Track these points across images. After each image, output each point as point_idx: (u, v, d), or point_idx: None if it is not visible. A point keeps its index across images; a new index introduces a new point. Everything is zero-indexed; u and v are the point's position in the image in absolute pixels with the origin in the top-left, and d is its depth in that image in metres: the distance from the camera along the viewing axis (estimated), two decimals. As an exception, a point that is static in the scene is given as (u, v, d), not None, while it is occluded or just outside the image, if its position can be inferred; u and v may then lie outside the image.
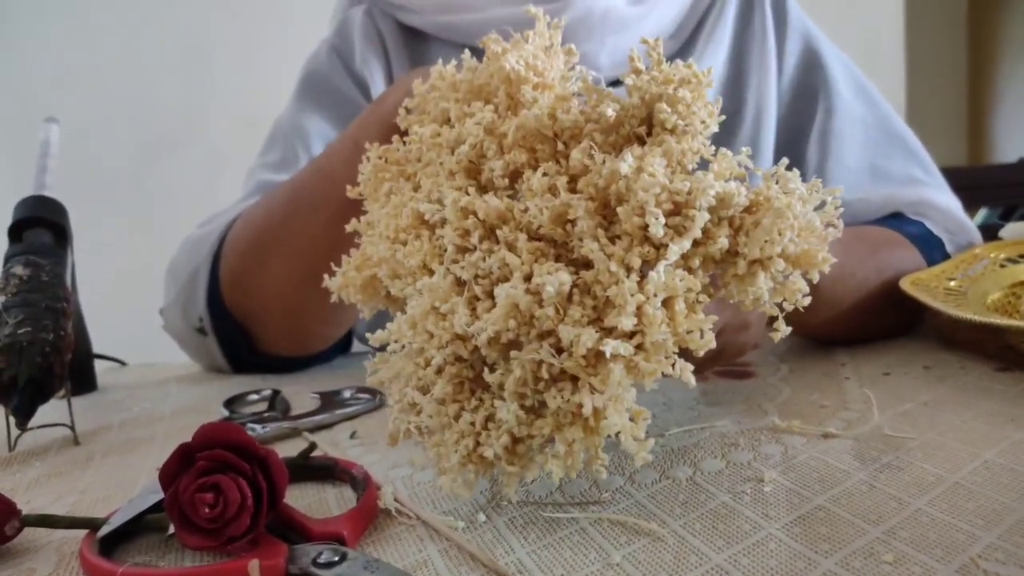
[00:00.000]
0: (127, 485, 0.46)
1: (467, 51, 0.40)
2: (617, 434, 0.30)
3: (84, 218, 1.70)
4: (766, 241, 0.31)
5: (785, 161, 0.33)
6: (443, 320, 0.33)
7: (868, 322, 0.62)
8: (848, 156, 0.77)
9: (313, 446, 0.44)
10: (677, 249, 0.30)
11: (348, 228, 0.42)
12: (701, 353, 0.31)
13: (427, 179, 0.37)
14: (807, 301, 0.34)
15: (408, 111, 0.42)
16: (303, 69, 0.86)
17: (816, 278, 0.34)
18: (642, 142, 0.34)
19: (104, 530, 0.36)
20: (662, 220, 0.29)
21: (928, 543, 0.30)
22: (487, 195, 0.33)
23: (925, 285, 0.60)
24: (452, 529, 0.35)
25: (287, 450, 0.49)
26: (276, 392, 0.62)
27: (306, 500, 0.41)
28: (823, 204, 0.34)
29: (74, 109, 1.85)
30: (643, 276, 0.30)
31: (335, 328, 0.74)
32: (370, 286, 0.41)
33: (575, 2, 0.74)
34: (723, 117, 0.34)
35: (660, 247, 0.30)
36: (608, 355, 0.29)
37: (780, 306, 0.35)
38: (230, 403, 0.59)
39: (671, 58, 0.82)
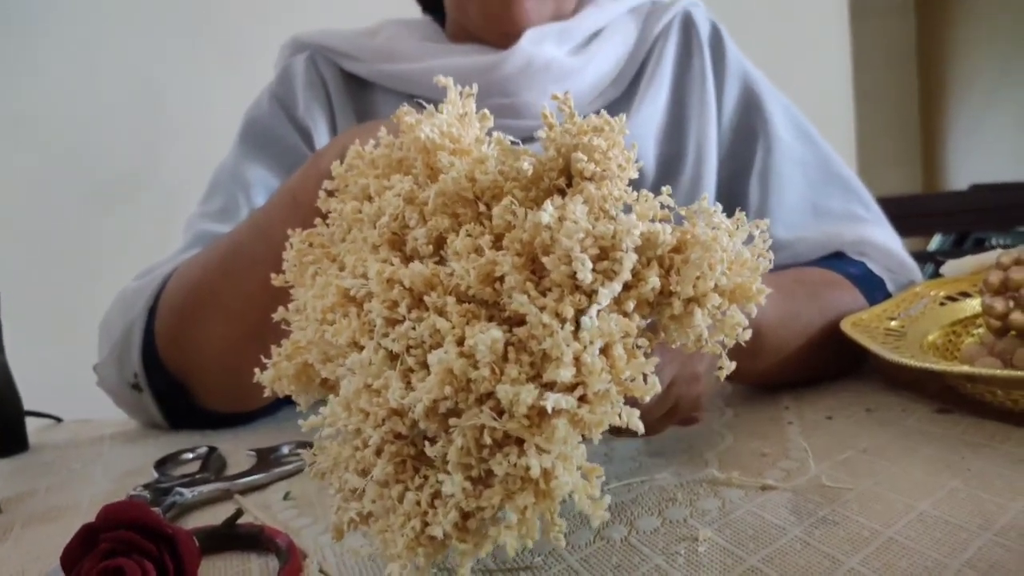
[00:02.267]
0: (45, 559, 0.43)
1: (405, 105, 0.39)
2: (571, 495, 0.29)
3: (32, 265, 1.66)
4: (698, 277, 0.31)
5: (706, 196, 0.33)
6: (377, 396, 0.31)
7: (813, 365, 0.62)
8: (789, 195, 0.77)
9: (239, 513, 0.42)
10: (607, 292, 0.29)
11: (276, 317, 0.41)
12: (648, 399, 0.30)
13: (351, 256, 0.36)
14: (748, 335, 0.33)
15: (329, 193, 0.41)
16: (244, 117, 0.85)
17: (754, 312, 0.33)
18: (563, 194, 0.34)
19: (6, 617, 0.34)
20: (589, 265, 0.29)
21: (858, 607, 0.30)
22: (412, 263, 0.33)
23: (866, 326, 0.60)
24: (376, 603, 0.34)
25: (217, 514, 0.47)
26: (212, 450, 0.60)
27: (229, 572, 0.39)
28: (751, 238, 0.33)
29: (23, 152, 1.82)
30: (577, 326, 0.29)
31: None
32: (303, 374, 0.39)
33: (515, 54, 0.74)
34: (640, 163, 0.34)
35: (591, 294, 0.30)
36: (550, 410, 0.28)
37: (722, 344, 0.34)
38: (161, 464, 0.57)
39: (611, 105, 0.83)
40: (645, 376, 0.30)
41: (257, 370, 0.40)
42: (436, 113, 0.36)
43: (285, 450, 0.58)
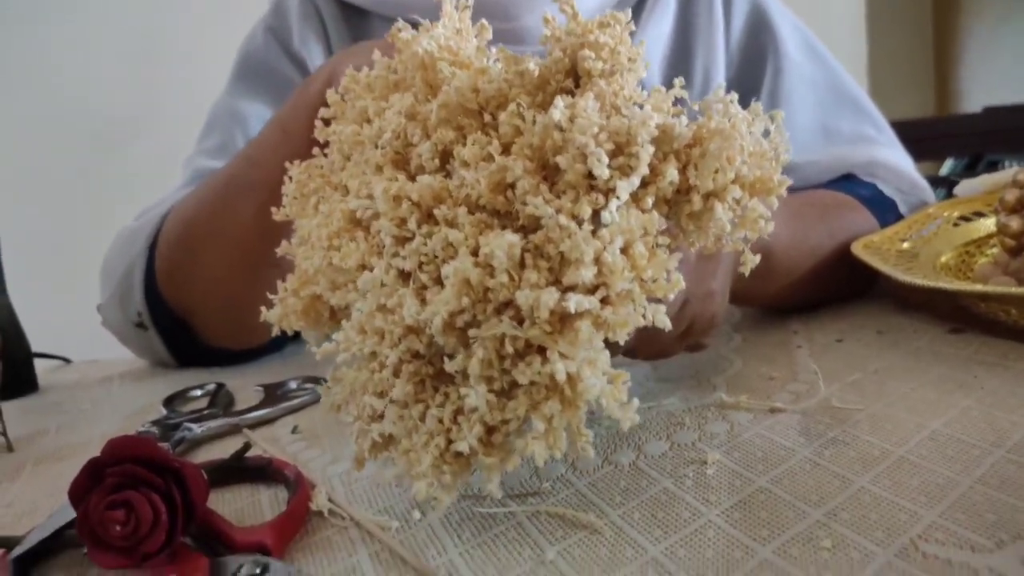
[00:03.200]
0: (57, 496, 0.44)
1: (396, 26, 0.37)
2: (598, 401, 0.28)
3: (31, 211, 1.66)
4: (717, 170, 0.30)
5: (722, 84, 0.32)
6: (392, 315, 0.31)
7: (823, 287, 0.61)
8: (799, 116, 0.75)
9: (247, 447, 0.42)
10: (626, 186, 0.28)
11: (279, 251, 0.39)
12: (671, 297, 0.29)
13: (354, 180, 0.35)
14: (771, 227, 0.32)
15: (326, 122, 0.40)
16: (239, 52, 0.83)
17: (775, 204, 0.32)
18: (571, 95, 0.32)
19: (17, 550, 0.34)
20: (606, 160, 0.28)
21: (868, 524, 0.30)
22: (419, 177, 0.31)
23: (877, 248, 0.59)
24: (385, 531, 0.34)
25: (226, 448, 0.48)
26: (220, 386, 0.60)
27: (239, 504, 0.39)
28: (766, 133, 0.32)
29: (20, 101, 1.79)
30: (596, 227, 0.28)
31: None
32: (312, 309, 0.38)
33: None
34: (648, 63, 0.32)
35: (608, 192, 0.28)
36: (573, 311, 0.27)
37: (744, 239, 0.33)
38: (169, 401, 0.57)
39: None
40: (668, 274, 0.29)
41: (263, 308, 0.40)
42: (432, 27, 0.35)
43: (292, 385, 0.58)
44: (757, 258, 0.33)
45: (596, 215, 0.28)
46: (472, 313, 0.28)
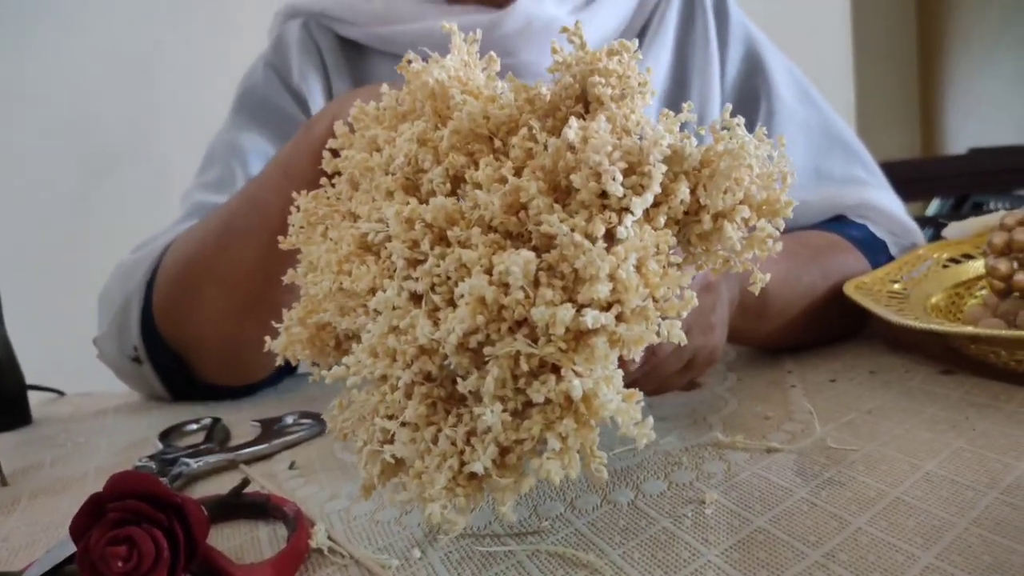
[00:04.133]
0: (54, 530, 0.43)
1: (406, 57, 0.38)
2: (612, 420, 0.28)
3: (22, 238, 1.65)
4: (726, 190, 0.30)
5: (729, 107, 0.32)
6: (404, 336, 0.31)
7: (817, 328, 0.62)
8: (792, 157, 0.77)
9: (245, 482, 0.42)
10: (640, 203, 0.29)
11: (285, 279, 0.40)
12: (684, 314, 0.29)
13: (363, 206, 0.36)
14: (779, 247, 0.32)
15: (334, 153, 0.41)
16: (239, 86, 0.84)
17: (782, 225, 0.33)
18: (581, 119, 0.33)
19: (15, 586, 0.34)
20: (620, 178, 0.28)
21: (866, 566, 0.30)
22: (432, 199, 0.32)
23: (869, 289, 0.60)
24: (385, 569, 0.34)
25: (223, 483, 0.47)
26: (216, 420, 0.60)
27: (237, 540, 0.39)
28: (770, 159, 0.33)
29: (14, 129, 1.79)
30: (609, 244, 0.29)
31: (274, 358, 0.72)
32: (318, 338, 0.38)
33: (516, 12, 0.73)
34: (655, 90, 0.33)
35: (621, 211, 0.29)
36: (590, 326, 0.27)
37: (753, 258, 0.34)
38: (165, 435, 0.57)
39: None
40: (681, 291, 0.29)
41: (268, 338, 0.40)
42: (441, 60, 0.36)
43: (289, 420, 0.58)
44: (767, 276, 0.34)
45: (609, 235, 0.29)
46: (486, 332, 0.29)
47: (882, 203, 0.74)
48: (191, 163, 0.85)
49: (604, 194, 0.29)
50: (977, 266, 0.65)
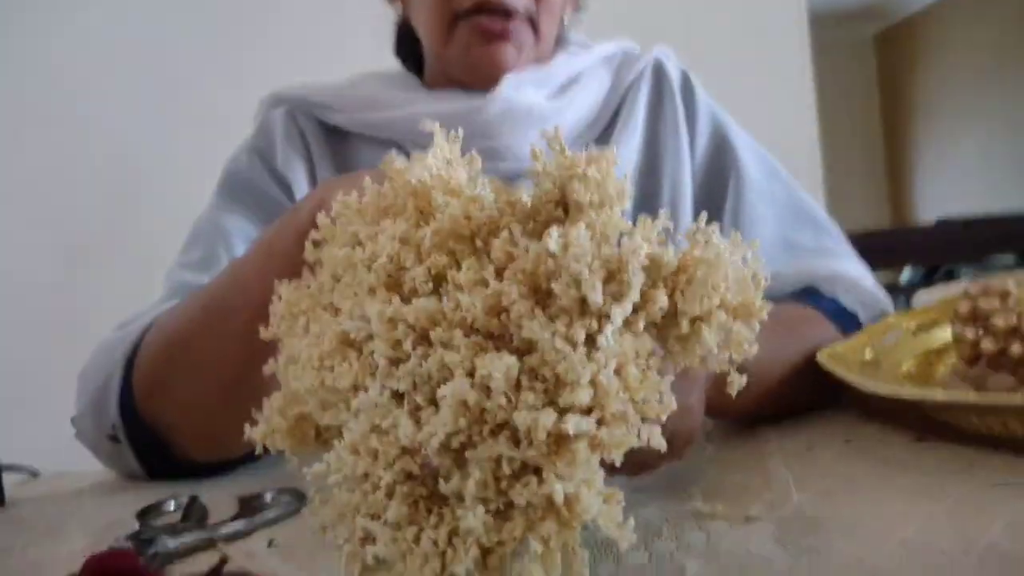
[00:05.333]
0: (26, 617, 0.43)
1: (392, 152, 0.39)
2: (592, 522, 0.29)
3: (8, 322, 1.64)
4: (703, 296, 0.31)
5: (704, 216, 0.34)
6: (386, 436, 0.31)
7: (793, 399, 0.63)
8: (761, 230, 0.79)
9: (224, 561, 0.42)
10: (620, 311, 0.29)
11: (266, 370, 0.40)
12: (663, 418, 0.30)
13: (346, 301, 0.36)
14: (755, 350, 0.33)
15: (315, 244, 0.42)
16: (224, 169, 0.86)
17: (757, 328, 0.34)
18: (561, 224, 0.34)
19: None
20: (600, 287, 0.29)
21: (848, 636, 0.30)
22: (415, 299, 0.32)
23: (842, 358, 0.61)
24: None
25: (201, 563, 0.46)
26: (194, 498, 0.59)
27: (216, 621, 0.39)
28: (744, 260, 0.34)
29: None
30: (590, 349, 0.30)
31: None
32: (298, 429, 0.38)
33: (497, 98, 0.76)
34: (633, 191, 0.34)
35: (601, 317, 0.30)
36: (571, 433, 0.28)
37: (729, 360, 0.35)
38: (143, 514, 0.56)
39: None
40: (661, 395, 0.30)
41: (247, 425, 0.40)
42: (425, 157, 0.37)
43: (268, 497, 0.57)
44: (743, 379, 0.35)
45: (589, 339, 0.29)
46: (468, 434, 0.29)
47: (852, 273, 0.76)
48: (173, 248, 0.85)
49: (584, 300, 0.30)
50: (946, 334, 0.67)
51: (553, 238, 0.30)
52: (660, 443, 0.30)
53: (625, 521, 0.29)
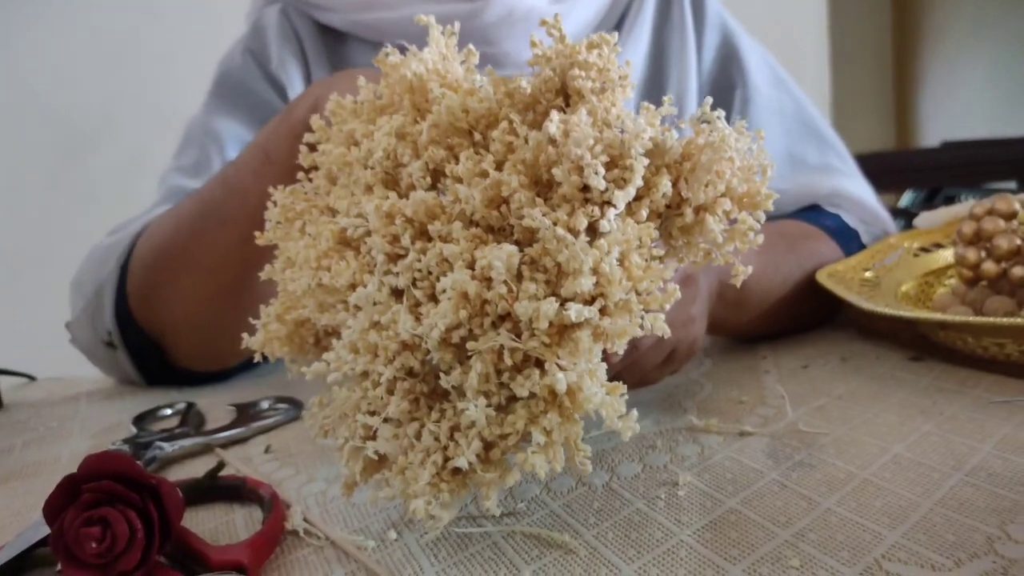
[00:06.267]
0: (25, 514, 0.43)
1: (384, 51, 0.38)
2: (596, 412, 0.29)
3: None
4: (707, 183, 0.30)
5: (709, 100, 0.32)
6: (386, 332, 0.30)
7: (792, 316, 0.63)
8: (767, 144, 0.77)
9: (221, 465, 0.42)
10: (622, 196, 0.29)
11: (263, 275, 0.39)
12: (667, 307, 0.29)
13: (342, 201, 0.35)
14: (760, 239, 0.32)
15: (311, 148, 0.40)
16: (217, 70, 0.83)
17: (763, 219, 0.33)
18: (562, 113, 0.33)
19: (-14, 569, 0.33)
20: (602, 171, 0.28)
21: (835, 545, 0.31)
22: (412, 193, 0.31)
23: (841, 277, 0.61)
24: (361, 550, 0.34)
25: (198, 467, 0.47)
26: (190, 405, 0.60)
27: (212, 523, 0.39)
28: (750, 151, 0.33)
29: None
30: (592, 237, 0.29)
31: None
32: (296, 335, 0.38)
33: (495, 1, 0.73)
34: (634, 83, 0.33)
35: (604, 204, 0.29)
36: (574, 320, 0.27)
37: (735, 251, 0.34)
38: (140, 420, 0.56)
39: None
40: (664, 284, 0.29)
41: (245, 335, 0.40)
42: (419, 53, 0.36)
43: (264, 405, 0.57)
44: (749, 269, 0.34)
45: (591, 228, 0.29)
46: (468, 327, 0.29)
47: (855, 191, 0.75)
48: (164, 148, 0.83)
49: (586, 188, 0.29)
50: (947, 255, 0.66)
51: (554, 123, 0.29)
52: (664, 329, 0.29)
53: (628, 412, 0.29)
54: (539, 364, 0.29)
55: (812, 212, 0.74)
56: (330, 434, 0.34)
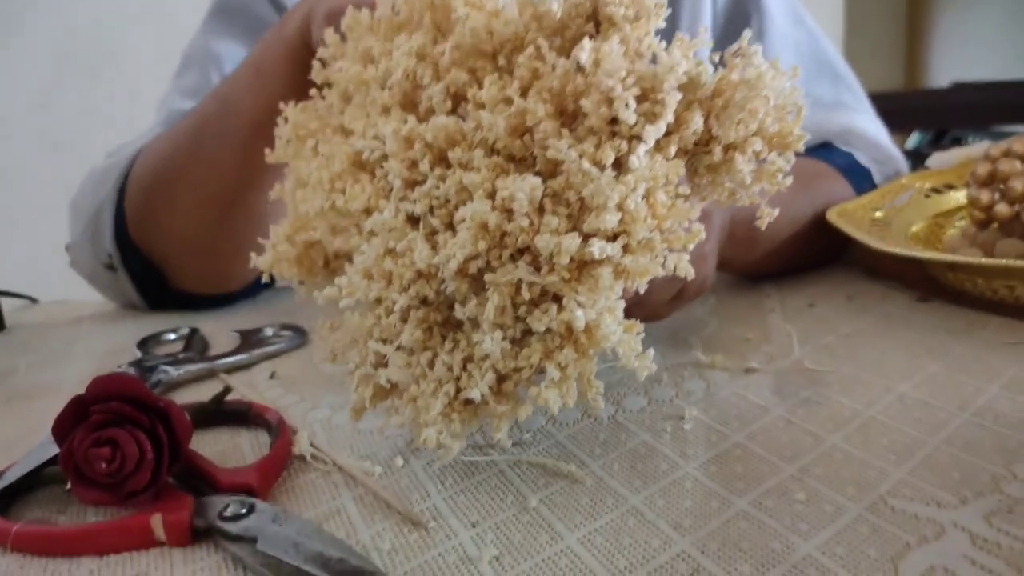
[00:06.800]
0: (31, 435, 0.43)
1: None
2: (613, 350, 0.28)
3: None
4: (739, 122, 0.29)
5: (748, 34, 0.31)
6: (401, 259, 0.30)
7: (802, 255, 0.62)
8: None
9: (227, 390, 0.42)
10: (653, 132, 0.27)
11: (272, 195, 0.38)
12: (691, 247, 0.29)
13: (357, 122, 0.34)
14: (788, 181, 0.32)
15: (323, 63, 0.39)
16: None
17: (792, 159, 0.32)
18: (592, 40, 0.32)
19: (-2, 485, 0.34)
20: (633, 104, 0.27)
21: (840, 480, 0.31)
22: (433, 118, 0.30)
23: (851, 216, 0.60)
24: (368, 475, 0.34)
25: (203, 392, 0.47)
26: (194, 331, 0.60)
27: (219, 446, 0.39)
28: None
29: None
30: (618, 172, 0.28)
31: (251, 266, 0.71)
32: (306, 257, 0.37)
33: None
34: (669, 10, 0.32)
35: (632, 138, 0.28)
36: (597, 256, 0.27)
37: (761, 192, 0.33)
38: (143, 344, 0.57)
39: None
40: (689, 224, 0.28)
41: (253, 254, 0.39)
42: None
43: (268, 331, 0.57)
44: (775, 212, 0.33)
45: (617, 163, 0.28)
46: (486, 259, 0.28)
47: (868, 130, 0.73)
48: (163, 69, 0.82)
49: (614, 120, 0.28)
50: (959, 196, 0.66)
51: (585, 51, 0.28)
52: (688, 271, 0.29)
53: (645, 351, 0.28)
54: (557, 299, 0.28)
55: (824, 150, 0.72)
56: (339, 358, 0.34)
